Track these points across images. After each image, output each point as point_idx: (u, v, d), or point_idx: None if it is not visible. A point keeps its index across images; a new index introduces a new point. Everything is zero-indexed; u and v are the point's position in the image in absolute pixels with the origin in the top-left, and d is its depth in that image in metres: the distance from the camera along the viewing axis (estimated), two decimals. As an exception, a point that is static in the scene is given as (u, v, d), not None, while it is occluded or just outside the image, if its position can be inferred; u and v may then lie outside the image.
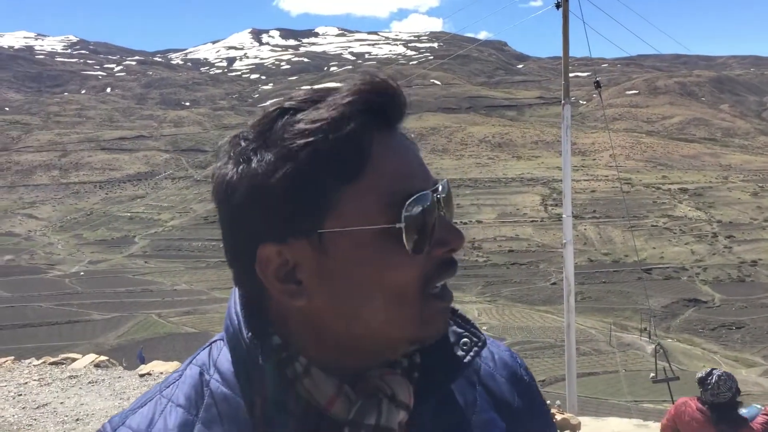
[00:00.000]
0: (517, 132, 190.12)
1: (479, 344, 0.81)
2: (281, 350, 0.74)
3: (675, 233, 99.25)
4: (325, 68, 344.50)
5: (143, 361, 15.06)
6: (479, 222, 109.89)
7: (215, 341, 0.82)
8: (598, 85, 13.90)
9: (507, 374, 0.88)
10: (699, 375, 4.63)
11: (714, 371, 4.58)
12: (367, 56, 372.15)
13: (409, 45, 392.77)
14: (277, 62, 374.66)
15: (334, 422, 0.73)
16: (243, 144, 0.70)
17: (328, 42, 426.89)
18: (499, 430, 0.82)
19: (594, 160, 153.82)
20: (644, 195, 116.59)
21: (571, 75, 13.51)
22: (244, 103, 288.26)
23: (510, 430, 0.83)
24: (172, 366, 9.02)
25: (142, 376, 8.49)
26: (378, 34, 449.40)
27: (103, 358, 9.46)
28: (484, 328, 65.46)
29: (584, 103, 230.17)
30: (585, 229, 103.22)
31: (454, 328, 0.81)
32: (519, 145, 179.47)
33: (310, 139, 0.67)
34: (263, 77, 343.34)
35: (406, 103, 0.72)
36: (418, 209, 0.68)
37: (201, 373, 0.78)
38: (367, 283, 0.69)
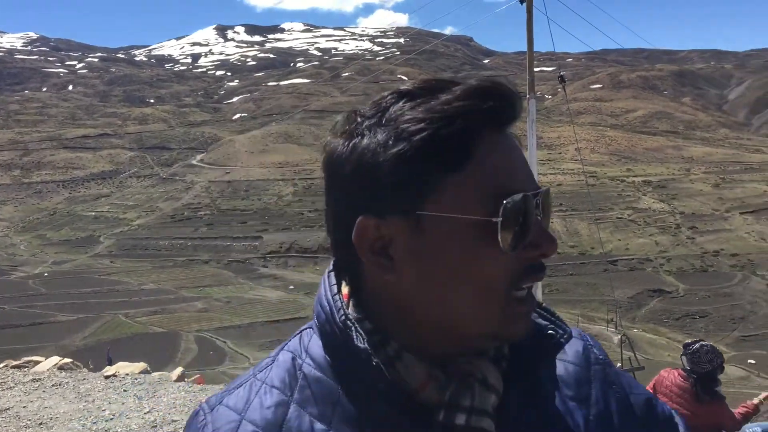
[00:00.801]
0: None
1: (564, 336, 0.83)
2: (373, 334, 0.77)
3: (639, 225, 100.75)
4: (292, 64, 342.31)
5: (111, 363, 14.82)
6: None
7: (305, 329, 0.86)
8: (562, 79, 14.03)
9: (581, 361, 0.89)
10: (686, 342, 4.70)
11: (701, 342, 4.64)
12: (333, 52, 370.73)
13: (376, 40, 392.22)
14: (242, 58, 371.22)
15: (424, 405, 0.75)
16: (359, 120, 0.74)
17: (294, 38, 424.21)
18: (581, 419, 0.84)
19: (560, 153, 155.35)
20: (609, 188, 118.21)
21: (536, 70, 13.60)
22: (210, 99, 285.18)
23: (589, 417, 0.85)
24: (138, 367, 8.88)
25: (107, 377, 8.35)
26: (344, 30, 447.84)
27: (67, 360, 9.28)
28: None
29: (549, 97, 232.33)
30: (552, 222, 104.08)
31: (540, 320, 0.84)
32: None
33: (423, 125, 0.70)
34: (229, 73, 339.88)
35: (520, 107, 0.75)
36: (516, 208, 0.71)
37: (293, 358, 0.83)
38: (455, 271, 0.72)
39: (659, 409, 0.90)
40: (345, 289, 0.82)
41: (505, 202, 0.70)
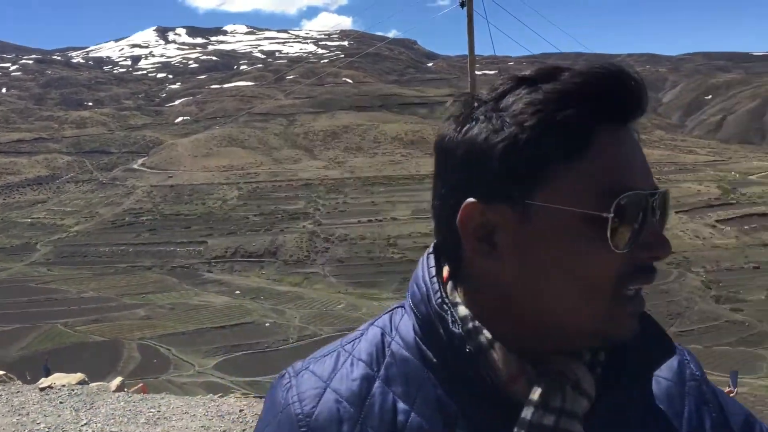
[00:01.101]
0: (429, 129, 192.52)
1: (668, 353, 0.81)
2: (468, 320, 0.75)
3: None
4: (235, 66, 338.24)
5: (48, 374, 14.34)
6: (394, 219, 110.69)
7: (396, 308, 0.86)
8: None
9: (675, 377, 0.86)
10: None
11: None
12: (277, 54, 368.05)
13: (320, 43, 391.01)
14: (184, 60, 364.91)
15: (510, 400, 0.73)
16: (475, 105, 0.73)
17: (237, 40, 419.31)
18: None
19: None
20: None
21: (479, 73, 13.77)
22: (151, 102, 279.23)
23: None
24: (75, 377, 8.62)
25: (42, 389, 8.07)
26: (288, 32, 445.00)
27: (0, 372, 8.94)
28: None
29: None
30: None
31: (644, 332, 0.79)
32: (431, 142, 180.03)
33: (538, 111, 0.68)
34: (170, 76, 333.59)
35: (645, 100, 0.72)
36: (630, 206, 0.68)
37: (383, 334, 0.82)
38: (560, 264, 0.70)
39: (757, 429, 0.86)
40: (445, 273, 0.81)
41: (618, 198, 0.68)
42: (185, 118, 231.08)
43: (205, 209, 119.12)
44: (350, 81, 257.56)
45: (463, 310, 0.76)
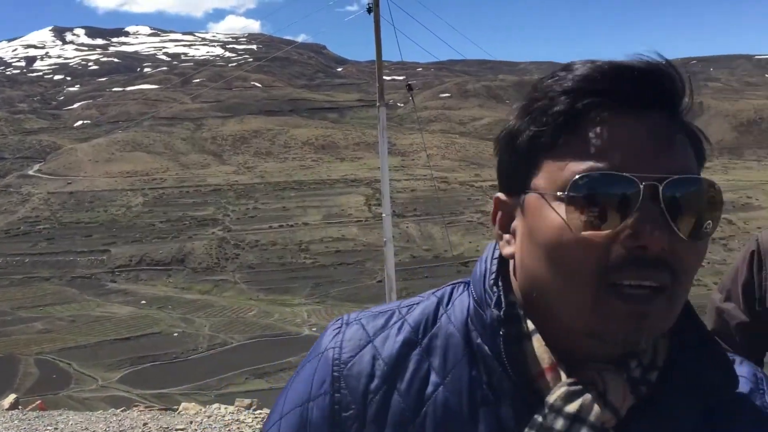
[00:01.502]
0: (339, 134, 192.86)
1: (731, 384, 0.77)
2: (515, 307, 0.77)
3: (488, 227, 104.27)
4: (138, 69, 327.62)
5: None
6: (305, 224, 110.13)
7: (460, 282, 0.87)
8: (410, 88, 14.52)
9: (753, 414, 0.80)
10: None
11: None
12: (183, 57, 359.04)
13: (227, 46, 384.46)
14: (83, 62, 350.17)
15: (536, 396, 0.73)
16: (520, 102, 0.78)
17: (140, 42, 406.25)
18: None
19: (413, 160, 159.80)
20: (459, 192, 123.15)
21: (387, 78, 13.96)
22: (48, 105, 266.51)
23: None
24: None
25: (-74, 411, 7.58)
26: (194, 35, 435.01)
27: None
28: (314, 329, 65.80)
29: (401, 105, 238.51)
30: (407, 227, 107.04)
31: (710, 362, 0.76)
32: (342, 147, 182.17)
33: (536, 103, 0.73)
34: (68, 78, 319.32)
35: (655, 88, 0.71)
36: (592, 186, 0.68)
37: (438, 305, 0.84)
38: (545, 249, 0.71)
39: None
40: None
41: (577, 176, 0.68)
42: (85, 122, 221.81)
43: (108, 216, 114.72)
44: (259, 85, 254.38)
45: (513, 297, 0.78)
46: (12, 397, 8.59)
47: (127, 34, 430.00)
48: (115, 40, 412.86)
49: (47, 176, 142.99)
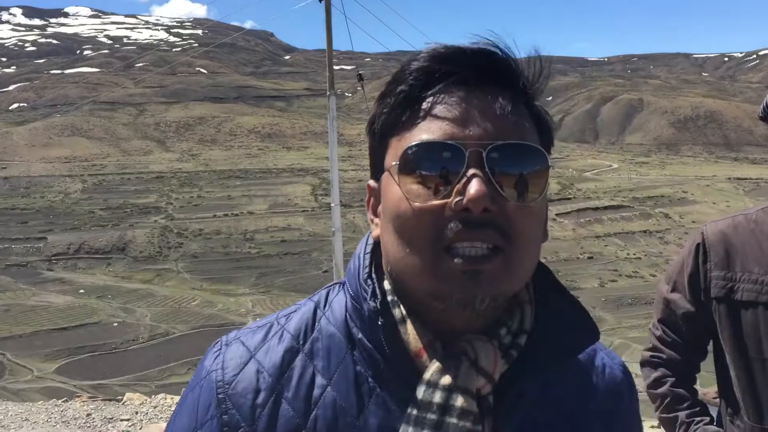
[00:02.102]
0: (286, 123, 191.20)
1: (591, 338, 0.83)
2: (388, 295, 0.80)
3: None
4: (78, 51, 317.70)
5: None
6: (251, 213, 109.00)
7: (337, 283, 0.90)
8: (360, 77, 14.53)
9: (612, 390, 0.88)
10: None
11: None
12: (125, 41, 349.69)
13: (172, 31, 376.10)
14: (20, 43, 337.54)
15: (419, 375, 0.77)
16: None
17: (80, 23, 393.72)
18: None
19: (360, 150, 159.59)
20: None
21: (336, 68, 13.92)
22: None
23: None
24: None
25: None
26: (137, 18, 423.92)
27: None
28: (257, 319, 65.03)
29: (350, 95, 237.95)
30: (354, 217, 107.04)
31: (567, 318, 0.83)
32: (289, 135, 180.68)
33: (388, 88, 0.81)
34: (4, 59, 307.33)
35: (489, 66, 0.78)
36: (417, 154, 0.75)
37: (315, 309, 0.86)
38: (389, 223, 0.78)
39: None
40: None
41: (407, 147, 0.75)
42: (21, 104, 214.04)
43: (45, 203, 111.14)
44: (204, 71, 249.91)
45: (387, 284, 0.81)
46: (-54, 388, 8.30)
47: (66, 14, 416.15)
48: (53, 20, 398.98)
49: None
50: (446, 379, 0.74)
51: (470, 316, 0.76)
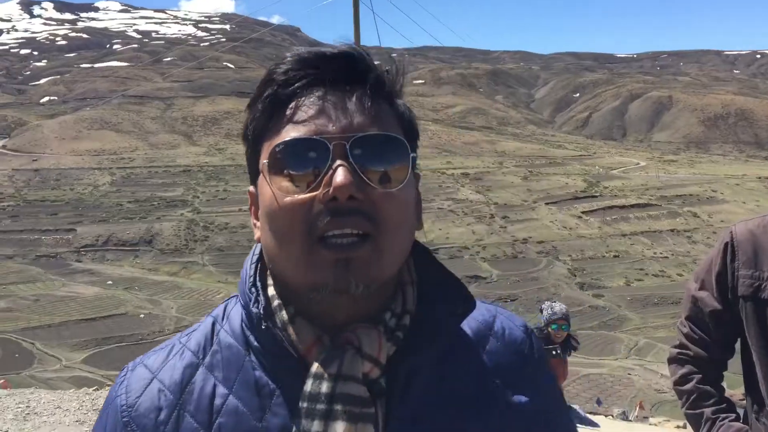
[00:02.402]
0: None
1: (467, 308, 0.87)
2: (274, 299, 0.83)
3: (458, 215, 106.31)
4: (108, 46, 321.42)
5: None
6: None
7: (233, 297, 0.92)
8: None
9: (514, 351, 0.90)
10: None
11: (554, 302, 5.33)
12: (154, 35, 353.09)
13: (200, 26, 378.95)
14: (51, 37, 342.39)
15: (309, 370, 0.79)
16: None
17: (110, 18, 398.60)
18: (502, 406, 0.86)
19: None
20: (431, 180, 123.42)
21: (362, 63, 13.93)
22: (14, 80, 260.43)
23: (514, 408, 0.86)
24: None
25: None
26: (166, 12, 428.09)
27: None
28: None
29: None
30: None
31: (444, 293, 0.87)
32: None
33: (256, 93, 0.85)
34: (36, 53, 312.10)
35: (349, 68, 0.83)
36: (284, 151, 0.79)
37: (214, 323, 0.89)
38: (266, 222, 0.81)
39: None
40: None
41: (274, 146, 0.79)
42: (52, 98, 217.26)
43: (74, 195, 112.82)
44: (232, 66, 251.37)
45: (271, 290, 0.84)
46: (-19, 375, 8.52)
47: (96, 9, 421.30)
48: (84, 15, 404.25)
49: (12, 153, 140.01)
50: (332, 369, 0.76)
51: (351, 306, 0.79)
